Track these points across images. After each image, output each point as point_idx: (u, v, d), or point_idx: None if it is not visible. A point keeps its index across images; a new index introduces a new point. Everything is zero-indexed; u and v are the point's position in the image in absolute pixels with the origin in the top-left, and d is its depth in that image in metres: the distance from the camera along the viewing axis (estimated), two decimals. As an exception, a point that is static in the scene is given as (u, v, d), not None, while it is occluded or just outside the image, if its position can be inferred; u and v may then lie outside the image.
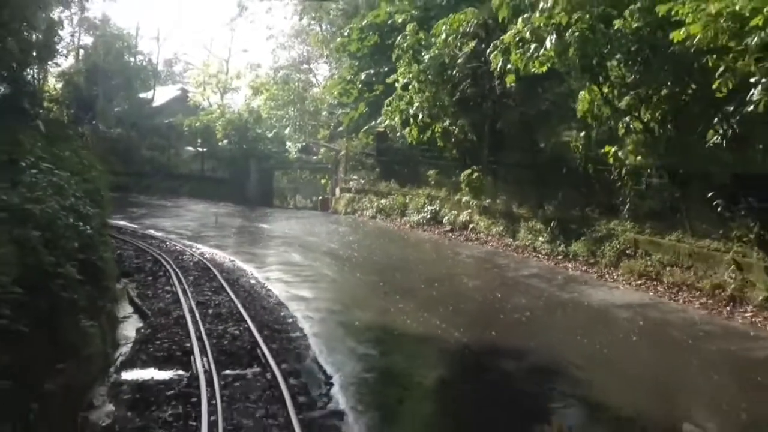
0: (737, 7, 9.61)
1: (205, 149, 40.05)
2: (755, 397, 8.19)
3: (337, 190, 31.41)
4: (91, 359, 8.88)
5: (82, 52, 48.60)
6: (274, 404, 7.81)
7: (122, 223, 23.02)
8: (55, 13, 25.96)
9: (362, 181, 28.58)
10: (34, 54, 25.16)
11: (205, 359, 9.23)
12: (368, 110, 28.72)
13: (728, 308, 11.68)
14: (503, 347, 10.39)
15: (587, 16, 12.99)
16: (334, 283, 15.62)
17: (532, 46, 14.36)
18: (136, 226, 23.22)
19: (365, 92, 29.23)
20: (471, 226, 20.91)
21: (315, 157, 39.67)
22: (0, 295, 6.33)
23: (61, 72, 39.36)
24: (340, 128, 34.90)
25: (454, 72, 20.81)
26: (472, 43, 19.74)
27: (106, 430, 7.21)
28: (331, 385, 8.65)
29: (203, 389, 8.06)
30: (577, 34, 13.14)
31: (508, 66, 15.63)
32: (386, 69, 26.57)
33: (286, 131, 42.89)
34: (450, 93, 21.22)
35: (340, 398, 8.19)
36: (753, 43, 9.56)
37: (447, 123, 21.77)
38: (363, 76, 28.95)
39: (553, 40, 13.59)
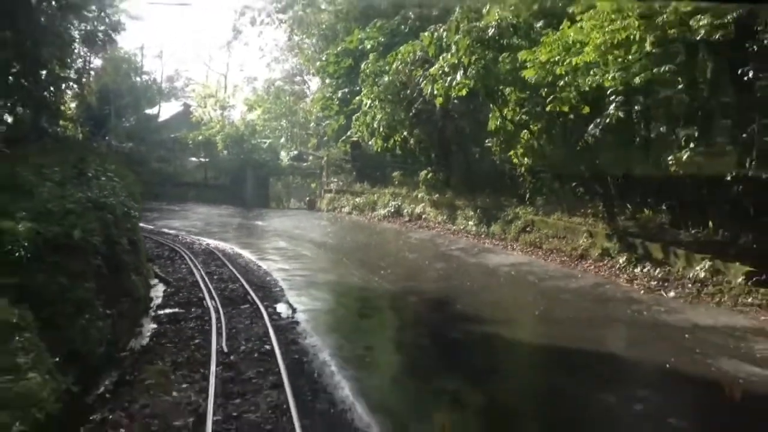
0: (555, 58, 14.60)
1: (207, 159, 45.11)
2: (553, 305, 13.27)
3: (322, 192, 36.54)
4: (138, 301, 13.88)
5: (93, 74, 53.66)
6: (257, 320, 12.77)
7: (142, 224, 28.00)
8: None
9: (341, 183, 33.70)
10: (63, 86, 30.35)
11: (213, 302, 14.21)
12: (345, 122, 33.68)
13: (576, 262, 16.73)
14: (415, 290, 15.48)
15: (480, 58, 18.02)
16: (309, 259, 20.67)
17: (448, 78, 19.40)
18: (151, 227, 28.12)
19: (343, 107, 34.23)
20: (424, 216, 26.04)
21: (305, 164, 44.68)
22: (95, 251, 11.36)
23: (75, 93, 44.32)
24: (326, 137, 39.92)
25: (408, 92, 25.80)
26: (420, 71, 24.71)
27: (155, 331, 12.21)
28: (295, 311, 13.64)
29: (212, 315, 13.04)
30: (474, 71, 18.17)
31: (435, 92, 20.68)
32: (358, 88, 31.57)
33: (281, 141, 47.91)
34: (406, 109, 26.22)
35: (299, 316, 13.18)
36: (564, 81, 14.60)
37: (405, 134, 26.80)
38: (339, 93, 34.00)
39: (460, 75, 18.63)
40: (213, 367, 9.53)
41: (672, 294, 13.26)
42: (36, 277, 9.27)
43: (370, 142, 28.86)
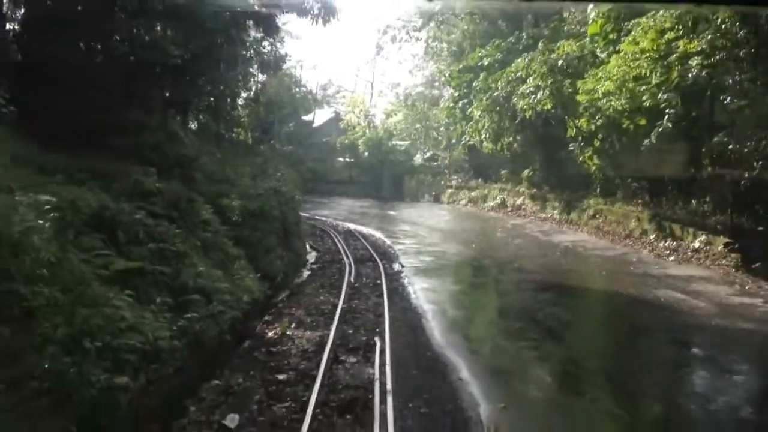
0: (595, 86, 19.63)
1: (351, 160, 52.65)
2: (581, 264, 18.47)
3: (445, 187, 42.59)
4: (300, 256, 20.65)
5: (260, 86, 63.22)
6: (375, 270, 19.04)
7: (300, 213, 35.56)
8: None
9: (459, 180, 39.52)
10: (239, 100, 38.42)
11: (347, 260, 20.70)
12: (465, 128, 39.39)
13: (621, 239, 21.48)
14: (491, 256, 21.16)
15: (554, 83, 23.15)
16: (423, 237, 26.81)
17: (533, 96, 24.66)
18: (306, 214, 35.52)
19: (463, 115, 39.91)
20: (522, 206, 31.30)
21: (435, 163, 50.83)
22: (274, 219, 18.18)
23: (247, 104, 53.50)
24: (453, 141, 45.83)
25: (511, 104, 31.04)
26: (520, 87, 29.88)
27: (310, 273, 18.86)
28: (402, 266, 19.77)
29: (346, 266, 19.50)
30: (548, 92, 23.31)
31: (525, 106, 25.95)
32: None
33: (416, 143, 54.42)
34: (510, 118, 31.47)
35: (404, 270, 19.28)
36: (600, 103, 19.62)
37: (510, 139, 32.07)
38: (460, 104, 39.67)
39: (540, 94, 23.84)
40: (344, 288, 15.89)
41: (672, 258, 17.96)
42: (244, 231, 16.09)
43: (482, 146, 34.41)
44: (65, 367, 6.36)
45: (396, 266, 19.96)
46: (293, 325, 12.45)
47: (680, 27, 17.25)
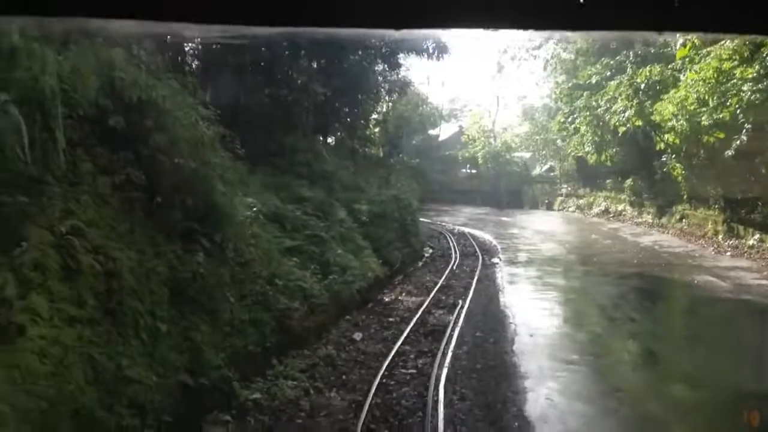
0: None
1: (473, 171, 56.94)
2: (649, 257, 21.79)
3: (556, 196, 45.92)
4: (415, 252, 25.43)
5: (390, 105, 69.26)
6: (476, 261, 23.43)
7: (422, 219, 40.39)
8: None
9: (569, 189, 42.69)
10: (371, 118, 43.63)
11: (455, 254, 25.22)
12: (573, 141, 42.54)
13: (695, 239, 24.35)
14: (577, 252, 24.85)
15: (638, 103, 26.36)
16: (525, 238, 30.72)
17: (623, 114, 27.91)
18: (429, 221, 40.34)
19: (573, 130, 43.07)
20: (622, 213, 34.24)
21: (553, 173, 53.96)
22: (394, 221, 23.12)
23: (378, 121, 59.39)
24: (566, 152, 48.91)
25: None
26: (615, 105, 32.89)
27: (422, 264, 23.59)
28: (500, 259, 23.98)
29: (453, 260, 24.03)
30: (633, 111, 26.53)
31: (616, 122, 29.19)
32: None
33: (535, 155, 57.76)
34: (612, 132, 34.54)
35: (500, 262, 23.48)
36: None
37: (612, 151, 35.09)
38: (570, 118, 42.85)
39: (628, 113, 27.08)
40: (446, 273, 20.47)
41: (728, 254, 20.93)
42: (370, 229, 21.08)
43: (588, 157, 37.60)
44: (266, 291, 11.48)
45: (494, 260, 24.19)
46: (403, 294, 17.25)
47: (737, 56, 20.18)
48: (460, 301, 15.85)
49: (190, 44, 21.49)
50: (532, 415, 8.66)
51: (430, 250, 27.49)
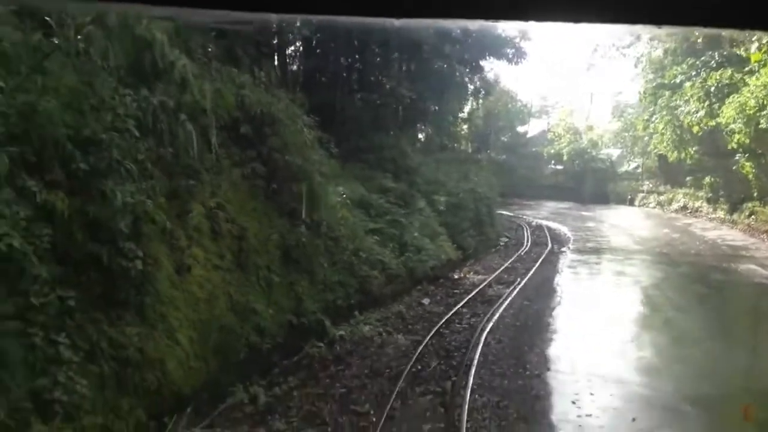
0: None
1: (559, 167, 58.24)
2: (708, 249, 23.26)
3: (638, 192, 46.85)
4: (489, 240, 27.92)
5: (480, 103, 71.27)
6: (545, 249, 25.65)
7: (505, 212, 42.60)
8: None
9: (650, 185, 43.55)
10: (459, 115, 45.81)
11: (527, 243, 27.52)
12: (654, 139, 43.34)
13: (758, 234, 25.43)
14: (643, 243, 26.45)
15: (709, 104, 27.58)
16: (599, 231, 32.46)
17: (695, 114, 29.16)
18: (511, 214, 42.46)
19: (654, 128, 43.88)
20: (699, 209, 35.14)
21: (639, 170, 54.45)
22: (468, 209, 25.75)
23: (465, 117, 61.61)
24: (648, 149, 49.51)
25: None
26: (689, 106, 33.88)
27: (495, 250, 26.12)
28: (566, 249, 26.11)
29: (523, 248, 26.38)
30: (704, 112, 27.78)
31: (689, 122, 30.39)
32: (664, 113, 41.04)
33: (621, 152, 58.33)
34: (689, 131, 35.48)
35: (566, 251, 25.62)
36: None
37: (691, 149, 36.02)
38: (653, 117, 43.69)
39: (700, 114, 28.34)
40: (513, 258, 22.90)
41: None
42: (447, 217, 23.81)
43: (666, 154, 38.58)
44: (352, 261, 14.51)
45: (563, 249, 26.31)
46: (471, 273, 19.92)
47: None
48: (519, 279, 18.37)
49: (297, 58, 25.12)
50: (551, 354, 11.23)
51: (505, 239, 29.81)
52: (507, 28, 30.59)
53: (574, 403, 8.87)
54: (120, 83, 8.23)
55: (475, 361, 10.40)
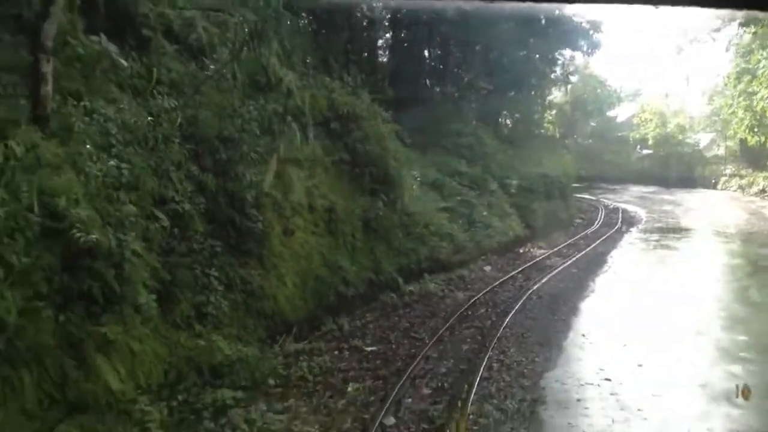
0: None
1: (645, 151, 58.49)
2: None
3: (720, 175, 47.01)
4: (562, 220, 29.96)
5: (569, 87, 71.84)
6: (611, 228, 27.53)
7: (586, 196, 44.08)
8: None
9: (732, 169, 43.68)
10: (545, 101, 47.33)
11: (598, 223, 29.40)
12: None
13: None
14: (710, 224, 27.73)
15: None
16: (671, 212, 33.71)
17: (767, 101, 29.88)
18: (593, 198, 43.89)
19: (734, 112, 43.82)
20: (778, 192, 35.55)
21: (723, 154, 54.03)
22: (539, 193, 27.98)
23: (553, 102, 62.61)
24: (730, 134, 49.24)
25: None
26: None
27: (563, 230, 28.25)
28: (637, 229, 27.84)
29: (592, 227, 28.32)
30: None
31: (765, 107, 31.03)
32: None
33: (713, 136, 57.89)
34: (769, 115, 35.83)
35: (633, 231, 27.38)
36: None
37: (770, 133, 36.36)
38: (735, 102, 43.68)
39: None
40: (578, 236, 25.01)
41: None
42: (517, 199, 26.15)
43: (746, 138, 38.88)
44: (423, 233, 17.38)
45: (631, 229, 28.05)
46: (534, 248, 22.35)
47: None
48: (577, 253, 20.66)
49: (384, 55, 28.13)
50: (581, 308, 13.72)
51: (579, 220, 31.72)
52: (581, 20, 32.28)
53: (584, 335, 11.43)
54: (245, 96, 11.47)
55: (514, 310, 13.07)
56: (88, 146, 7.24)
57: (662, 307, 13.55)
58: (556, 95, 63.57)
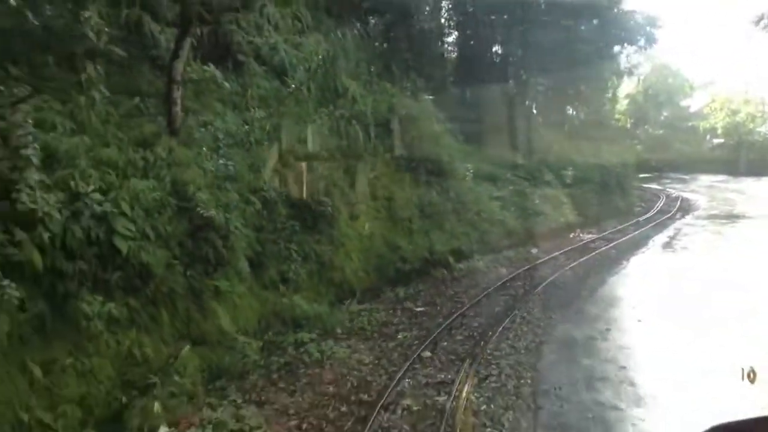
0: None
1: (716, 141, 58.17)
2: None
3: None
4: (618, 209, 31.34)
5: (641, 78, 71.51)
6: (665, 216, 28.78)
7: (653, 186, 44.80)
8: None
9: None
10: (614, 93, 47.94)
11: (653, 212, 30.61)
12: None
13: None
14: (764, 214, 28.57)
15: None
16: (731, 201, 34.29)
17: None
18: (659, 188, 44.53)
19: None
20: None
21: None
22: (593, 183, 29.56)
23: (626, 93, 62.80)
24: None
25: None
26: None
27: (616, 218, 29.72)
28: (691, 216, 29.00)
29: (651, 213, 29.63)
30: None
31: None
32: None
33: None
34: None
35: (686, 217, 28.57)
36: None
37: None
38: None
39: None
40: (629, 222, 26.50)
41: None
42: (573, 189, 27.85)
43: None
44: (474, 219, 19.61)
45: (685, 216, 29.18)
46: (583, 233, 24.12)
47: None
48: (621, 236, 22.36)
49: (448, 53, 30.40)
50: (608, 281, 15.69)
51: (637, 208, 32.95)
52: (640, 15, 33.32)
53: (602, 299, 13.49)
54: (318, 104, 14.11)
55: (546, 282, 15.20)
56: (204, 149, 9.98)
57: (682, 285, 15.34)
58: (628, 85, 63.89)
